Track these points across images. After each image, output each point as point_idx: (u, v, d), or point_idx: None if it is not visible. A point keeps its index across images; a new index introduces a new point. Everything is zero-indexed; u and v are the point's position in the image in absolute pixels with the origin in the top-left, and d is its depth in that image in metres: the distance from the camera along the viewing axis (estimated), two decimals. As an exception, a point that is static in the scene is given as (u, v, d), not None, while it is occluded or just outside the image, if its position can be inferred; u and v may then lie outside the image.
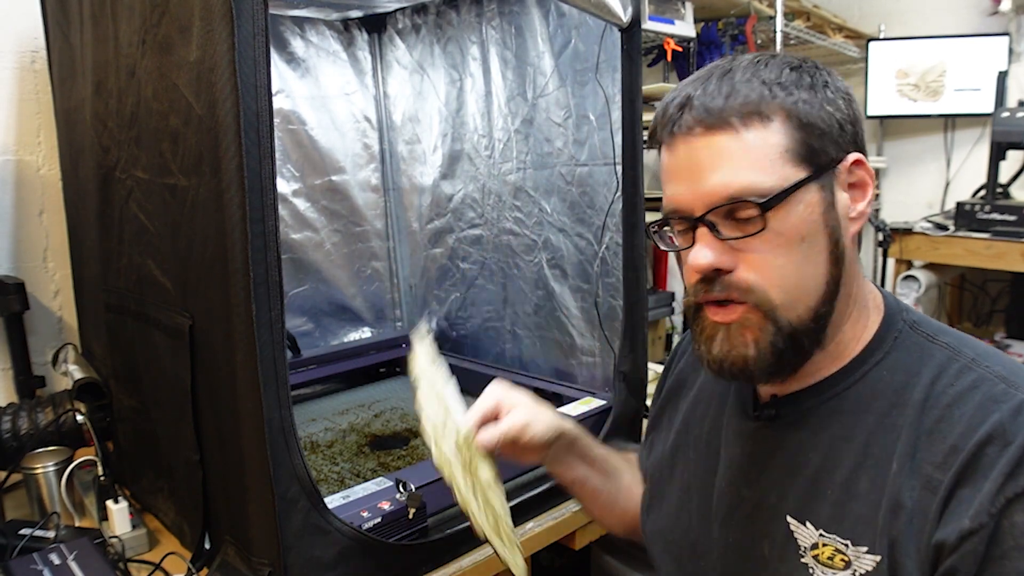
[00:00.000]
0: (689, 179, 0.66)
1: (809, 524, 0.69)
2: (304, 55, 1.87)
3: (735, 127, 0.64)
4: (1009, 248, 2.30)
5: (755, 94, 0.65)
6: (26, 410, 1.29)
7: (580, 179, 1.57)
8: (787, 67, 0.66)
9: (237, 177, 0.83)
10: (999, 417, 0.61)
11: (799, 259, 0.65)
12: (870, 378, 0.69)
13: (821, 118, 0.65)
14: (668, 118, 0.68)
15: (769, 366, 0.67)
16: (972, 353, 0.67)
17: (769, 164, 0.64)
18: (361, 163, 2.03)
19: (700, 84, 0.67)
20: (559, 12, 1.54)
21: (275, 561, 0.90)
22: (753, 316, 0.66)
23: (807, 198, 0.65)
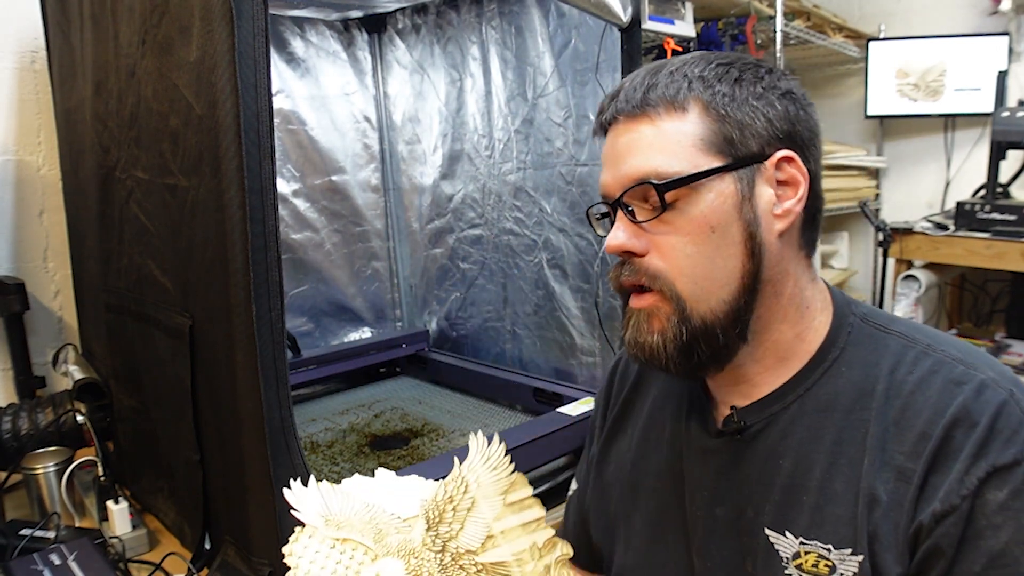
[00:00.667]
0: (612, 164, 0.69)
1: (788, 534, 0.67)
2: (304, 55, 1.87)
3: (652, 117, 0.67)
4: (1009, 248, 2.29)
5: (674, 87, 0.67)
6: (26, 410, 1.29)
7: (580, 179, 1.57)
8: (715, 64, 0.68)
9: (237, 177, 0.83)
10: (962, 399, 0.61)
11: (710, 250, 0.65)
12: (830, 376, 0.69)
13: (744, 112, 0.66)
14: (601, 109, 0.71)
15: (678, 357, 0.67)
16: (926, 339, 0.68)
17: (680, 151, 0.66)
18: (361, 163, 2.03)
19: (631, 79, 0.70)
20: (559, 12, 1.54)
21: (275, 561, 0.90)
22: (663, 306, 0.67)
23: (720, 188, 0.66)
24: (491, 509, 0.68)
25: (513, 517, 0.69)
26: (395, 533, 0.65)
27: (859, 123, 3.07)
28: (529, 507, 0.69)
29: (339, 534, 0.64)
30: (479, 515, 0.68)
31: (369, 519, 0.65)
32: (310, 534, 0.63)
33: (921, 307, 2.59)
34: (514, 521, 0.69)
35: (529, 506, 0.69)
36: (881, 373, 0.67)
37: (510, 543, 0.68)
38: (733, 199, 0.66)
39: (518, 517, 0.69)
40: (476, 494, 0.68)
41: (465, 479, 0.68)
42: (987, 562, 0.58)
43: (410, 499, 0.67)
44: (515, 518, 0.69)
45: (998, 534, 0.57)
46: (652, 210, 0.66)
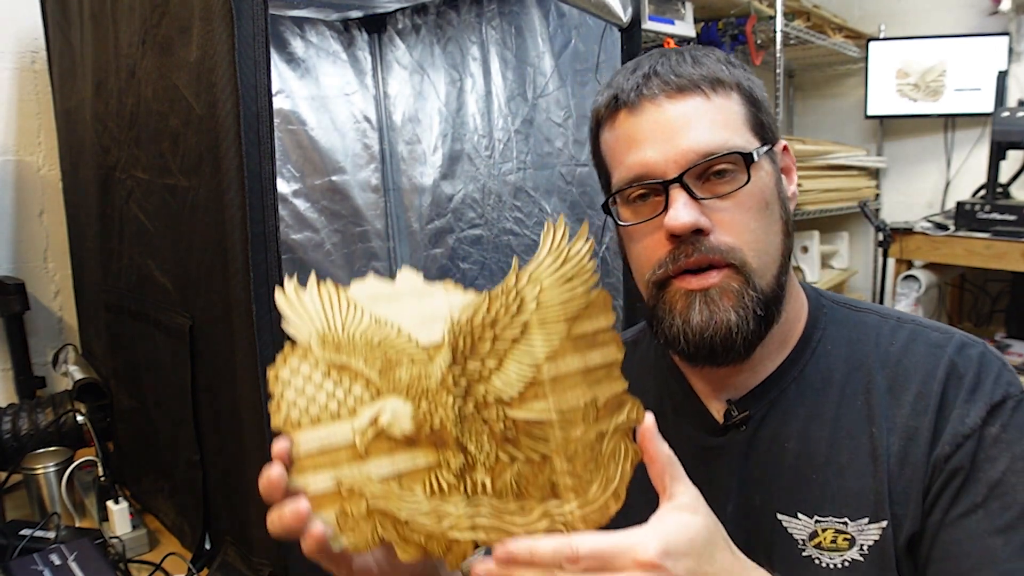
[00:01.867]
0: (660, 141, 0.64)
1: (801, 515, 0.67)
2: (304, 55, 1.87)
3: (704, 91, 0.65)
4: (1009, 248, 2.29)
5: (715, 67, 0.67)
6: (26, 410, 1.29)
7: (580, 179, 1.57)
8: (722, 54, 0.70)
9: (237, 177, 0.83)
10: (948, 358, 0.66)
11: (765, 224, 0.66)
12: (818, 355, 0.71)
13: (764, 98, 0.70)
14: (632, 85, 0.67)
15: (750, 334, 0.64)
16: (894, 314, 0.72)
17: (738, 128, 0.66)
18: (361, 163, 2.03)
19: (658, 59, 0.68)
20: (559, 12, 1.54)
21: (276, 561, 0.90)
22: (734, 281, 0.64)
23: (766, 167, 0.67)
24: (546, 342, 0.50)
25: (575, 358, 0.50)
26: (408, 364, 0.51)
27: (859, 123, 3.07)
28: (602, 345, 0.50)
29: (337, 359, 0.51)
30: (528, 349, 0.50)
31: (378, 342, 0.51)
32: (301, 355, 0.51)
33: (921, 307, 2.59)
34: (575, 364, 0.50)
35: (602, 343, 0.50)
36: (867, 347, 0.70)
37: (560, 396, 0.50)
38: (773, 178, 0.68)
39: (582, 359, 0.50)
40: (532, 318, 0.50)
41: (521, 294, 0.51)
42: (987, 492, 0.61)
43: (437, 317, 0.51)
44: (578, 360, 0.50)
45: (995, 465, 0.62)
46: (715, 185, 0.64)
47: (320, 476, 0.50)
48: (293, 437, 0.50)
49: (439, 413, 0.51)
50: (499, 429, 0.51)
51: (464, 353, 0.51)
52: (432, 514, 0.51)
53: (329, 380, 0.50)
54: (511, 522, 0.51)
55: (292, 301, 0.51)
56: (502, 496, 0.51)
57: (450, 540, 0.51)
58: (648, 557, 0.46)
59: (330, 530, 0.50)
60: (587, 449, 0.51)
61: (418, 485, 0.51)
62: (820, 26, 2.66)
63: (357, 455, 0.50)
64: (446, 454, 0.51)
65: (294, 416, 0.50)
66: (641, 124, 0.66)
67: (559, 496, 0.51)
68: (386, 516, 0.50)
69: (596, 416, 0.51)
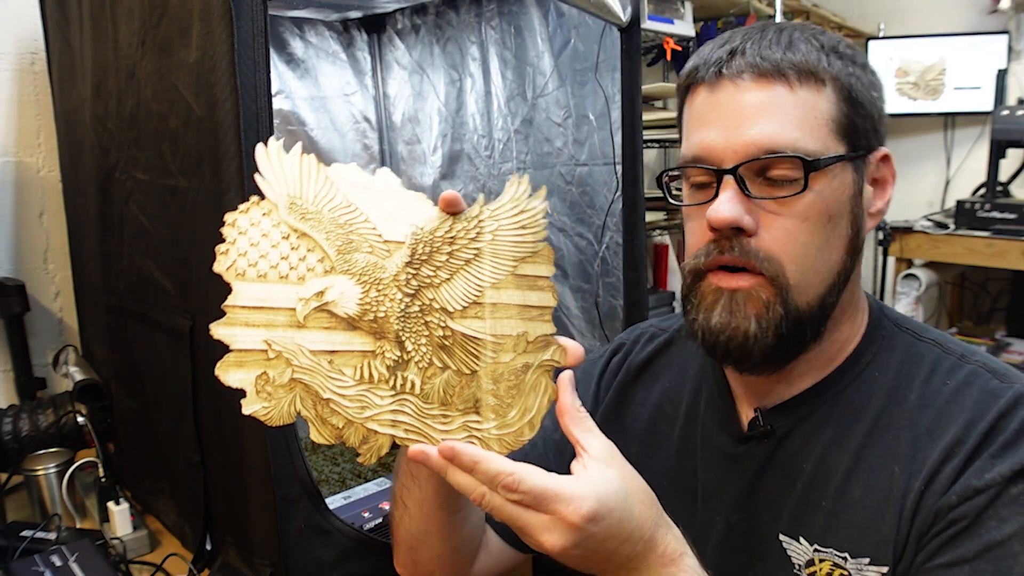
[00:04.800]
0: (726, 125, 0.60)
1: (802, 540, 0.64)
2: (303, 56, 1.87)
3: (790, 82, 0.59)
4: (1009, 246, 2.30)
5: (813, 55, 0.60)
6: (27, 412, 1.29)
7: (580, 179, 1.57)
8: (842, 40, 0.62)
9: (237, 178, 0.83)
10: (998, 410, 0.60)
11: (822, 240, 0.61)
12: (863, 379, 0.66)
13: (869, 100, 0.62)
14: (715, 60, 0.61)
15: (768, 349, 0.61)
16: (959, 349, 0.66)
17: (816, 128, 0.59)
18: (361, 164, 2.02)
19: (753, 34, 0.62)
20: (558, 12, 1.54)
21: (276, 562, 0.90)
22: (765, 291, 0.60)
23: (842, 176, 0.61)
24: (494, 272, 0.55)
25: (516, 293, 0.55)
26: (367, 252, 0.53)
27: (859, 122, 3.06)
28: (540, 289, 0.55)
29: (300, 225, 0.52)
30: (476, 273, 0.54)
31: (344, 223, 0.53)
32: (265, 211, 0.52)
33: (921, 306, 2.59)
34: (514, 298, 0.55)
35: (541, 288, 0.55)
36: (915, 382, 0.64)
37: (497, 321, 0.55)
38: (850, 190, 0.62)
39: (522, 295, 0.55)
40: (485, 247, 0.54)
41: (481, 223, 0.55)
42: (982, 550, 0.56)
43: (404, 220, 0.54)
44: (517, 295, 0.55)
45: (1003, 526, 0.56)
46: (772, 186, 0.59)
47: (251, 332, 0.51)
48: (234, 285, 0.51)
49: (386, 304, 0.53)
50: (438, 335, 0.54)
51: (421, 258, 0.54)
52: (356, 400, 0.53)
53: (286, 243, 0.52)
54: (431, 427, 0.54)
55: (272, 159, 0.52)
56: (428, 399, 0.54)
57: (368, 431, 0.53)
58: (576, 519, 0.49)
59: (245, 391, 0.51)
60: (512, 375, 0.55)
61: (349, 368, 0.52)
62: (819, 25, 2.66)
63: (295, 322, 0.51)
64: (383, 344, 0.53)
65: (240, 265, 0.51)
66: (714, 103, 0.61)
67: (480, 413, 0.54)
68: (308, 391, 0.52)
69: (525, 348, 0.55)
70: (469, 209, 0.55)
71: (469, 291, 0.55)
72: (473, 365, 0.55)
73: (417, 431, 0.54)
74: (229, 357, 0.51)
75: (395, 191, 0.54)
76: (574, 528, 0.49)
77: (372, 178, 0.54)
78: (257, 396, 0.51)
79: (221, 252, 0.51)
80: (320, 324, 0.52)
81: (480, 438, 0.54)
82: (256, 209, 0.52)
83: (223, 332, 0.50)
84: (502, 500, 0.50)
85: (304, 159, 0.53)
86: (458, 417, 0.54)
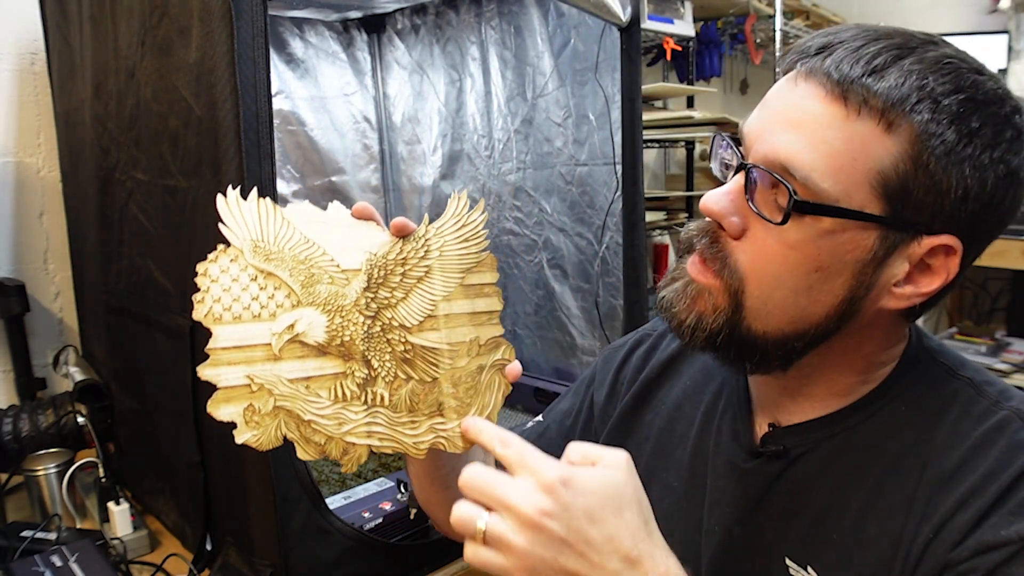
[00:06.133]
0: (769, 119, 0.56)
1: (811, 569, 0.61)
2: (303, 56, 1.87)
3: (852, 108, 0.52)
4: (1010, 246, 2.30)
5: (900, 93, 0.52)
6: (27, 412, 1.29)
7: (580, 179, 1.57)
8: (959, 86, 0.52)
9: (237, 178, 0.83)
10: (1022, 464, 0.55)
11: (800, 284, 0.56)
12: (887, 413, 0.62)
13: (949, 175, 0.52)
14: (804, 51, 0.57)
15: (700, 346, 0.61)
16: (995, 391, 0.61)
17: (849, 171, 0.53)
18: (361, 164, 2.03)
19: (861, 39, 0.55)
20: (558, 12, 1.54)
21: (276, 562, 0.90)
22: (719, 299, 0.58)
23: (857, 237, 0.54)
24: (444, 285, 0.60)
25: (465, 303, 0.61)
26: (328, 283, 0.58)
27: (859, 122, 3.07)
28: (487, 295, 0.61)
29: (265, 266, 0.56)
30: (428, 289, 0.60)
31: (304, 259, 0.57)
32: (232, 257, 0.56)
33: (921, 306, 2.59)
34: (464, 307, 0.61)
35: (487, 295, 0.62)
36: (945, 422, 0.60)
37: (451, 330, 0.60)
38: (861, 254, 0.55)
39: (470, 304, 0.61)
40: (434, 263, 0.60)
41: (428, 242, 0.61)
42: None
43: (358, 248, 0.59)
44: (466, 304, 0.61)
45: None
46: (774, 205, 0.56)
47: (233, 370, 0.55)
48: (213, 330, 0.55)
49: (350, 328, 0.58)
50: (399, 350, 0.59)
51: (377, 281, 0.59)
52: (334, 418, 0.57)
53: (255, 284, 0.56)
54: (402, 432, 0.59)
55: (232, 208, 0.56)
56: (397, 409, 0.59)
57: (347, 444, 0.57)
58: (547, 480, 0.49)
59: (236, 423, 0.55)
60: (469, 378, 0.60)
61: (324, 390, 0.57)
62: (819, 25, 2.66)
63: (271, 356, 0.56)
64: (352, 365, 0.58)
65: (216, 311, 0.55)
66: (778, 91, 0.57)
67: (443, 415, 0.60)
68: (291, 416, 0.56)
69: (478, 351, 0.61)
70: (417, 230, 0.60)
71: (423, 306, 0.60)
72: (434, 373, 0.60)
73: (390, 438, 0.59)
74: (217, 395, 0.54)
75: (347, 222, 0.59)
76: (549, 489, 0.49)
77: (325, 213, 0.59)
78: (247, 426, 0.55)
79: (197, 301, 0.54)
80: (294, 354, 0.57)
81: (446, 437, 0.60)
82: (224, 256, 0.55)
83: (209, 373, 0.54)
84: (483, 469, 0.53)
85: (261, 204, 0.56)
86: (425, 421, 0.60)
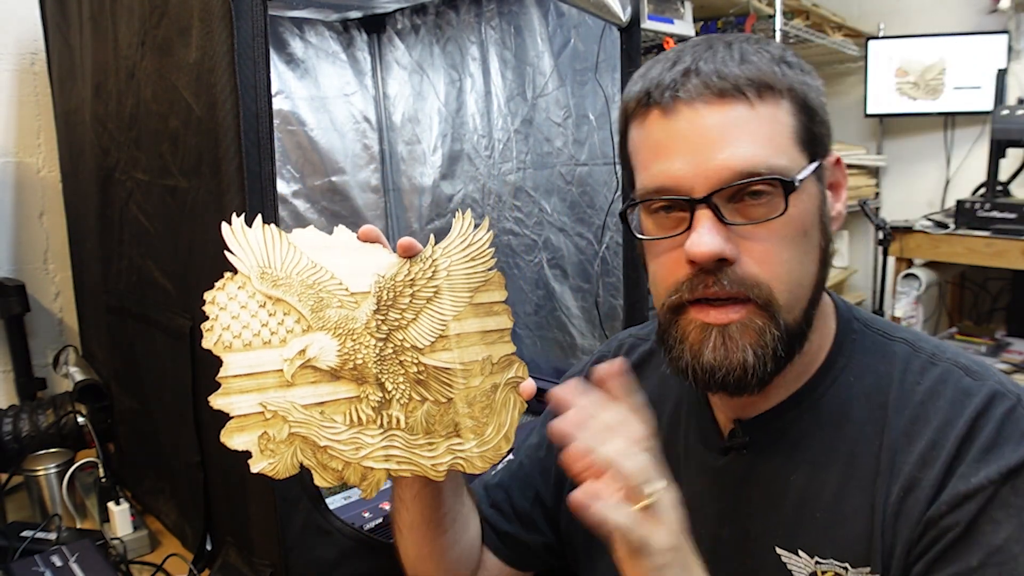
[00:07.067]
0: (692, 153, 0.57)
1: (802, 552, 0.63)
2: (303, 56, 1.87)
3: (750, 99, 0.57)
4: (1010, 246, 2.29)
5: (767, 67, 0.58)
6: (27, 412, 1.29)
7: (580, 179, 1.57)
8: (787, 48, 0.62)
9: (237, 178, 0.83)
10: (973, 410, 0.59)
11: (801, 255, 0.59)
12: (840, 385, 0.65)
13: (820, 106, 0.61)
14: (669, 82, 0.58)
15: (766, 375, 0.59)
16: (930, 347, 0.65)
17: (783, 144, 0.58)
18: (361, 164, 2.02)
19: (702, 51, 0.59)
20: (558, 12, 1.54)
21: (276, 562, 0.90)
22: (757, 318, 0.58)
23: (810, 189, 0.59)
24: (453, 305, 0.60)
25: (475, 321, 0.60)
26: (337, 307, 0.57)
27: (859, 122, 3.06)
28: (496, 314, 0.61)
29: (273, 292, 0.55)
30: (438, 309, 0.59)
31: (313, 283, 0.57)
32: (240, 284, 0.55)
33: (921, 305, 2.59)
34: (475, 326, 0.60)
35: (496, 313, 0.61)
36: (892, 382, 0.63)
37: (463, 350, 0.60)
38: (817, 201, 0.60)
39: (480, 323, 0.61)
40: (443, 283, 0.59)
41: (436, 263, 0.60)
42: (985, 557, 0.55)
43: (366, 271, 0.58)
44: (477, 323, 0.60)
45: (998, 530, 0.56)
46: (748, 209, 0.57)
47: (246, 398, 0.54)
48: (224, 358, 0.54)
49: (362, 352, 0.57)
50: (413, 371, 0.59)
51: (387, 303, 0.58)
52: (350, 443, 0.57)
53: (264, 311, 0.55)
54: (420, 455, 0.58)
55: (238, 235, 0.57)
56: (413, 431, 0.58)
57: (365, 469, 0.57)
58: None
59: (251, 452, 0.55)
60: (484, 396, 0.60)
61: (339, 415, 0.57)
62: (819, 25, 2.66)
63: (284, 382, 0.55)
64: (366, 389, 0.57)
65: (226, 339, 0.54)
66: (673, 129, 0.58)
67: (460, 435, 0.59)
68: (306, 442, 0.56)
69: (491, 370, 0.61)
70: (423, 250, 0.60)
71: (434, 327, 0.60)
72: (448, 393, 0.60)
73: (408, 461, 0.58)
74: (231, 424, 0.54)
75: (354, 246, 0.59)
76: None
77: (330, 237, 0.58)
78: (262, 455, 0.55)
79: (207, 329, 0.54)
80: (307, 380, 0.56)
81: (464, 458, 0.60)
82: (231, 284, 0.55)
83: (221, 402, 0.54)
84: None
85: (267, 230, 0.57)
86: (442, 442, 0.59)
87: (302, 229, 0.58)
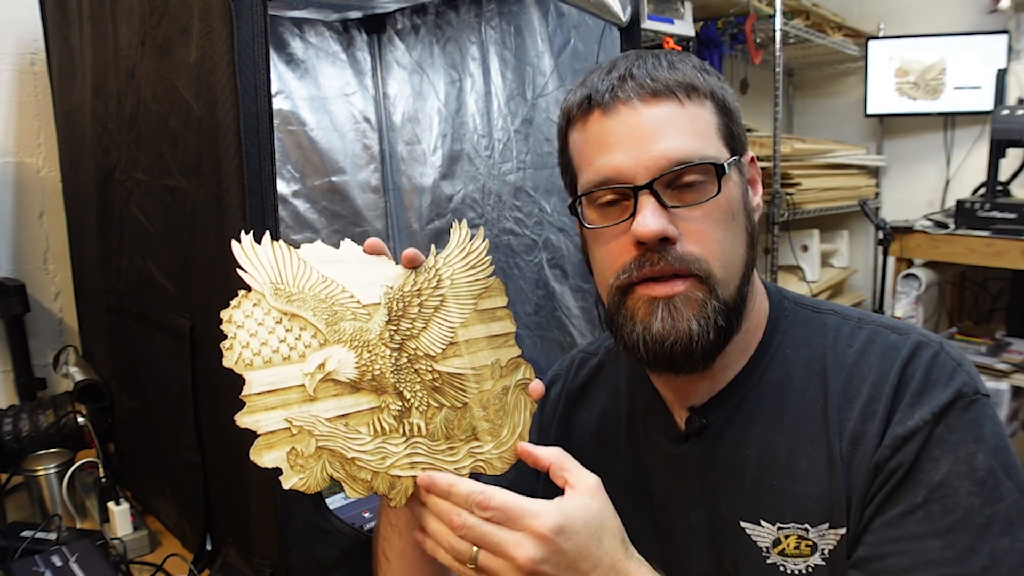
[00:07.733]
0: (632, 146, 0.64)
1: (763, 522, 0.68)
2: (303, 56, 1.87)
3: (679, 98, 0.65)
4: (1009, 246, 2.29)
5: (691, 73, 0.67)
6: (27, 412, 1.29)
7: (580, 179, 1.57)
8: (695, 59, 0.70)
9: (237, 178, 0.83)
10: (901, 361, 0.65)
11: (731, 235, 0.66)
12: (778, 359, 0.71)
13: (736, 109, 0.69)
14: (607, 87, 0.66)
15: (710, 344, 0.65)
16: (856, 315, 0.72)
17: (710, 136, 0.66)
18: (361, 164, 2.02)
19: (635, 60, 0.67)
20: (558, 12, 1.54)
21: (277, 562, 0.90)
22: (699, 290, 0.64)
23: (734, 178, 0.67)
24: (460, 313, 0.62)
25: (481, 327, 0.63)
26: (351, 319, 0.58)
27: (859, 122, 3.07)
28: (500, 319, 0.64)
29: (288, 308, 0.57)
30: (446, 317, 0.62)
31: (325, 297, 0.58)
32: (255, 302, 0.56)
33: (921, 305, 2.59)
34: (481, 332, 0.63)
35: (500, 318, 0.64)
36: (827, 349, 0.69)
37: (472, 355, 0.62)
38: (740, 189, 0.68)
39: (486, 328, 0.63)
40: (447, 292, 0.62)
41: (439, 273, 0.62)
42: (928, 493, 0.61)
43: (374, 283, 0.60)
44: (483, 328, 0.63)
45: (937, 466, 0.61)
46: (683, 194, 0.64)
47: (271, 415, 0.55)
48: (246, 376, 0.55)
49: (379, 362, 0.59)
50: (428, 379, 0.60)
51: (397, 314, 0.60)
52: (376, 452, 0.58)
53: (281, 327, 0.56)
54: (443, 460, 0.60)
55: (248, 252, 0.57)
56: (435, 437, 0.60)
57: (393, 477, 0.58)
58: (543, 530, 0.53)
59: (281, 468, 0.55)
60: (496, 399, 0.62)
61: (363, 426, 0.58)
62: (819, 25, 2.66)
63: (307, 396, 0.56)
64: (386, 399, 0.59)
65: (247, 357, 0.55)
66: (614, 127, 0.65)
67: (479, 439, 0.61)
68: (334, 455, 0.56)
69: (501, 373, 0.63)
70: (426, 261, 0.62)
71: (444, 334, 0.62)
72: (463, 398, 0.61)
73: (433, 467, 0.60)
74: (259, 442, 0.55)
75: (360, 258, 0.60)
76: (543, 539, 0.53)
77: (338, 251, 0.60)
78: (292, 470, 0.55)
79: (226, 348, 0.55)
80: (329, 393, 0.57)
81: (484, 460, 0.61)
82: (246, 302, 0.56)
83: (248, 421, 0.55)
84: (476, 519, 0.55)
85: (276, 246, 0.57)
86: (463, 446, 0.61)
87: (309, 244, 0.59)
